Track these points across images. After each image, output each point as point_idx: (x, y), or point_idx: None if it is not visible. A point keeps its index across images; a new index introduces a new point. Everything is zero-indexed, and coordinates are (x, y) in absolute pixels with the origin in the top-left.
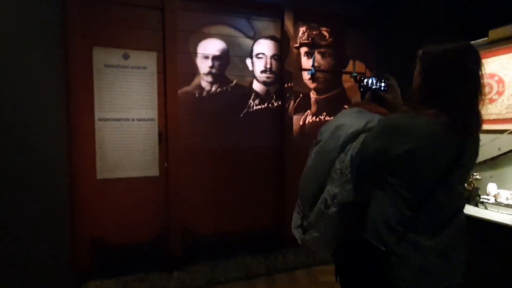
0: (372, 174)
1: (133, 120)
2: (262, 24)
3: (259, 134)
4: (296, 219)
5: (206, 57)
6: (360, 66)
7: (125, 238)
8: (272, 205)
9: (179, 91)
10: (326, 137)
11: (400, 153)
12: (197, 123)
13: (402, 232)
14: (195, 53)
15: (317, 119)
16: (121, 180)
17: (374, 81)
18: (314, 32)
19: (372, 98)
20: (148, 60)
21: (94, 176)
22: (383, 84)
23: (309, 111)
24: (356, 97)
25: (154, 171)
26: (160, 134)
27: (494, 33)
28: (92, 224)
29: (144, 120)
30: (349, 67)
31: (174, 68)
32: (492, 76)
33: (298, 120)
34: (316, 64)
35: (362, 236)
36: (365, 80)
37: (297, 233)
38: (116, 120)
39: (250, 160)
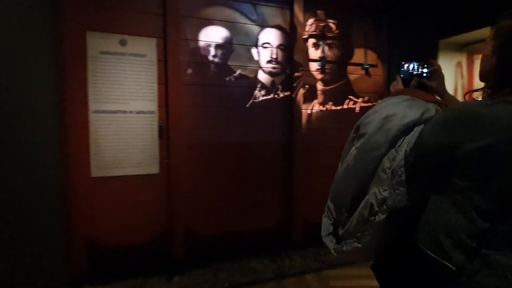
0: (431, 175)
1: (131, 112)
2: (270, 11)
3: (265, 127)
4: (326, 225)
5: (210, 45)
6: (371, 56)
7: (122, 241)
8: (280, 204)
9: (181, 82)
10: (372, 130)
11: (474, 149)
12: (200, 116)
13: (474, 247)
14: (198, 40)
15: (326, 111)
16: (118, 178)
17: (416, 66)
18: (323, 23)
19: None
20: (147, 47)
21: (88, 174)
22: (425, 70)
23: (316, 102)
24: (363, 88)
25: (154, 169)
26: (160, 128)
27: None
28: (86, 226)
29: (143, 112)
30: (360, 58)
31: (176, 56)
32: None
33: (306, 113)
34: (324, 54)
35: (421, 250)
36: (406, 66)
37: (329, 242)
38: (113, 112)
39: (256, 155)
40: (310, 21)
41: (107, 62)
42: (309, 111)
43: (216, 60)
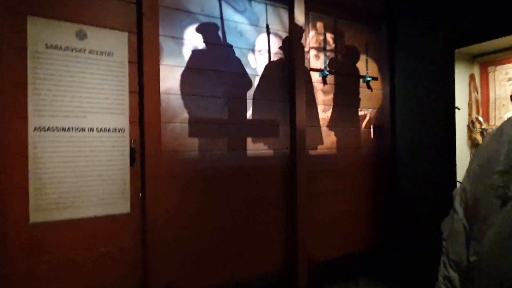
0: None
1: (91, 130)
2: (267, 11)
3: (262, 148)
4: None
5: (198, 46)
6: (372, 69)
7: None
8: (281, 242)
9: (161, 90)
10: None
11: None
12: (186, 134)
13: None
14: (183, 39)
15: (329, 127)
16: (69, 223)
17: None
18: (325, 32)
19: None
20: (115, 43)
21: (24, 219)
22: None
23: (321, 117)
24: (365, 102)
25: (123, 207)
26: (132, 151)
27: None
28: None
29: (109, 130)
30: (362, 69)
31: (155, 56)
32: None
33: (311, 131)
34: (326, 64)
35: None
36: None
37: None
38: (64, 130)
39: (254, 182)
40: (312, 32)
41: (57, 60)
42: (312, 128)
43: (206, 64)
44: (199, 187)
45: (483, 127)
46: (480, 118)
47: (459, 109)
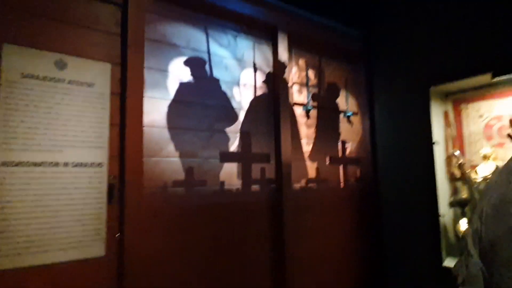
0: None
1: (66, 165)
2: (252, 46)
3: (248, 183)
4: None
5: (182, 79)
6: (353, 104)
7: None
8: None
9: (144, 123)
10: None
11: None
12: (169, 170)
13: None
14: (167, 71)
15: (314, 161)
16: (37, 269)
17: None
18: (308, 68)
19: None
20: (97, 74)
21: None
22: None
23: (304, 151)
24: (347, 136)
25: (97, 250)
26: (111, 187)
27: None
28: None
29: (85, 165)
30: (343, 104)
31: (139, 89)
32: None
33: (295, 165)
34: (310, 99)
35: None
36: None
37: None
38: (35, 165)
39: (239, 220)
40: (294, 68)
41: (33, 90)
42: (297, 162)
43: (191, 97)
44: (182, 225)
45: (460, 161)
46: (457, 153)
47: (435, 143)
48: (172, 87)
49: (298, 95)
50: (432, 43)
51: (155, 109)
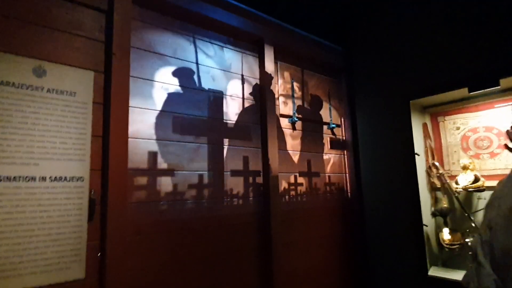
0: None
1: (43, 179)
2: (240, 57)
3: (235, 195)
4: None
5: (168, 88)
6: (336, 116)
7: None
8: None
9: (130, 134)
10: None
11: None
12: (155, 184)
13: None
14: (153, 81)
15: (301, 173)
16: None
17: None
18: (293, 80)
19: None
20: (79, 83)
21: None
22: None
23: (290, 163)
24: (333, 148)
25: (76, 272)
26: (92, 203)
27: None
28: None
29: (65, 180)
30: (326, 116)
31: (124, 98)
32: (490, 129)
33: (283, 177)
34: (295, 111)
35: None
36: None
37: None
38: (9, 179)
39: (226, 234)
40: (280, 80)
41: (8, 98)
42: (284, 174)
43: (177, 108)
44: (168, 242)
45: (439, 172)
46: (436, 164)
47: (418, 155)
48: (159, 97)
49: (284, 107)
50: (411, 59)
51: (140, 120)
